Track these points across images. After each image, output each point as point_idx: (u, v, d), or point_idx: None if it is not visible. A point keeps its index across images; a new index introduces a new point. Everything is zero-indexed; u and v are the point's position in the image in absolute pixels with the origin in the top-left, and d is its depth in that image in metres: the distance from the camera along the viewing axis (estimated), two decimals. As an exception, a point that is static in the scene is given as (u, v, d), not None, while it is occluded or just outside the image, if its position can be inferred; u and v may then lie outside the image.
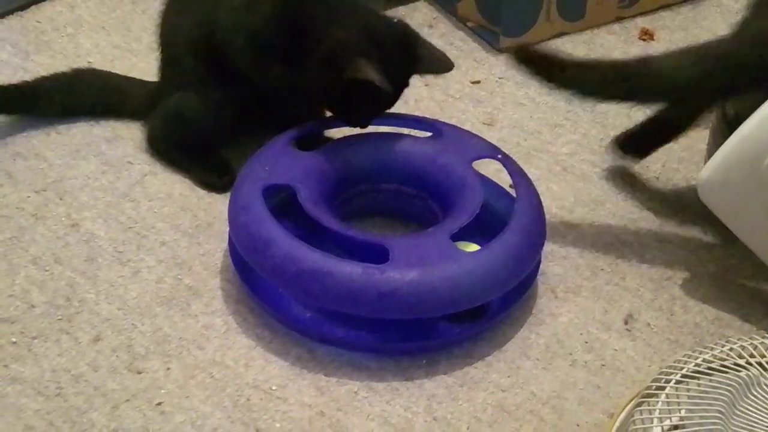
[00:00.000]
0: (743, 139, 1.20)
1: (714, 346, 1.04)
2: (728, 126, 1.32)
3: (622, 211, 1.44)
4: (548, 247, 1.32)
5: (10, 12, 1.69)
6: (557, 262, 1.35)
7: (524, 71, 1.30)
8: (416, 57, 1.29)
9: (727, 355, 1.03)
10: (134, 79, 1.51)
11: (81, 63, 1.59)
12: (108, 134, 1.48)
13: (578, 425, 1.16)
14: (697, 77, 1.22)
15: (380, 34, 1.27)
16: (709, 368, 1.02)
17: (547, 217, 1.30)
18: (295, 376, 1.19)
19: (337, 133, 1.39)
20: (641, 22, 1.79)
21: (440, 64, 1.32)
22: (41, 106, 1.47)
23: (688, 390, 1.00)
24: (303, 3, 1.29)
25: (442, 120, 1.40)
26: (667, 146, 1.52)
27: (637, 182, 1.48)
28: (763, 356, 1.02)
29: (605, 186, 1.47)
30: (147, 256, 1.32)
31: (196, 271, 1.30)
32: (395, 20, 1.32)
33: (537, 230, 1.26)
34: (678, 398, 1.00)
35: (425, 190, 1.32)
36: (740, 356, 1.02)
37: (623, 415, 1.08)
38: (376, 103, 1.29)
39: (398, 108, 1.34)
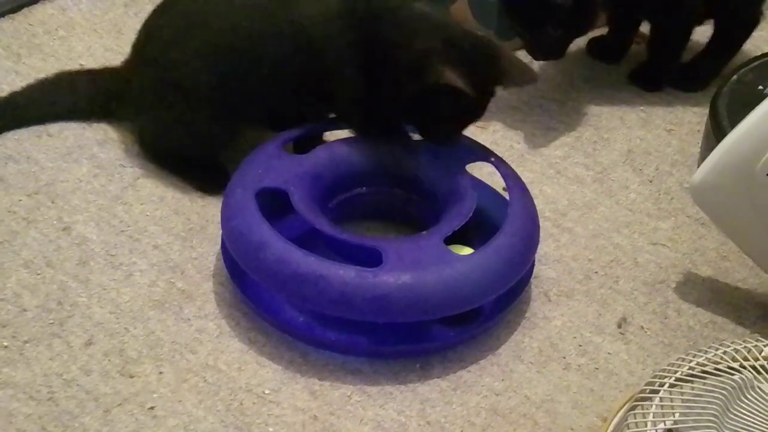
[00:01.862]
0: (735, 143, 1.20)
1: (708, 350, 1.04)
2: (720, 130, 1.33)
3: (615, 214, 1.44)
4: (541, 250, 1.32)
5: (2, 15, 1.68)
6: (550, 265, 1.35)
7: None
8: (501, 69, 1.28)
9: (721, 358, 1.03)
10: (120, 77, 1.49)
11: (73, 66, 1.58)
12: (100, 137, 1.47)
13: (572, 429, 1.16)
14: None
15: (462, 45, 1.26)
16: (703, 371, 1.02)
17: (541, 220, 1.30)
18: (288, 380, 1.19)
19: (330, 136, 1.39)
20: (634, 25, 1.79)
21: (524, 77, 1.32)
22: (30, 119, 1.46)
23: (682, 393, 1.00)
24: (382, 17, 1.29)
25: (436, 123, 1.40)
26: (660, 149, 1.53)
27: (630, 185, 1.48)
28: (756, 359, 1.02)
29: (598, 189, 1.47)
30: (139, 260, 1.31)
31: (189, 275, 1.30)
32: (479, 33, 1.32)
33: (530, 233, 1.26)
34: (672, 402, 1.00)
35: (418, 193, 1.32)
36: (734, 359, 1.02)
37: (617, 418, 1.08)
38: (460, 110, 1.28)
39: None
